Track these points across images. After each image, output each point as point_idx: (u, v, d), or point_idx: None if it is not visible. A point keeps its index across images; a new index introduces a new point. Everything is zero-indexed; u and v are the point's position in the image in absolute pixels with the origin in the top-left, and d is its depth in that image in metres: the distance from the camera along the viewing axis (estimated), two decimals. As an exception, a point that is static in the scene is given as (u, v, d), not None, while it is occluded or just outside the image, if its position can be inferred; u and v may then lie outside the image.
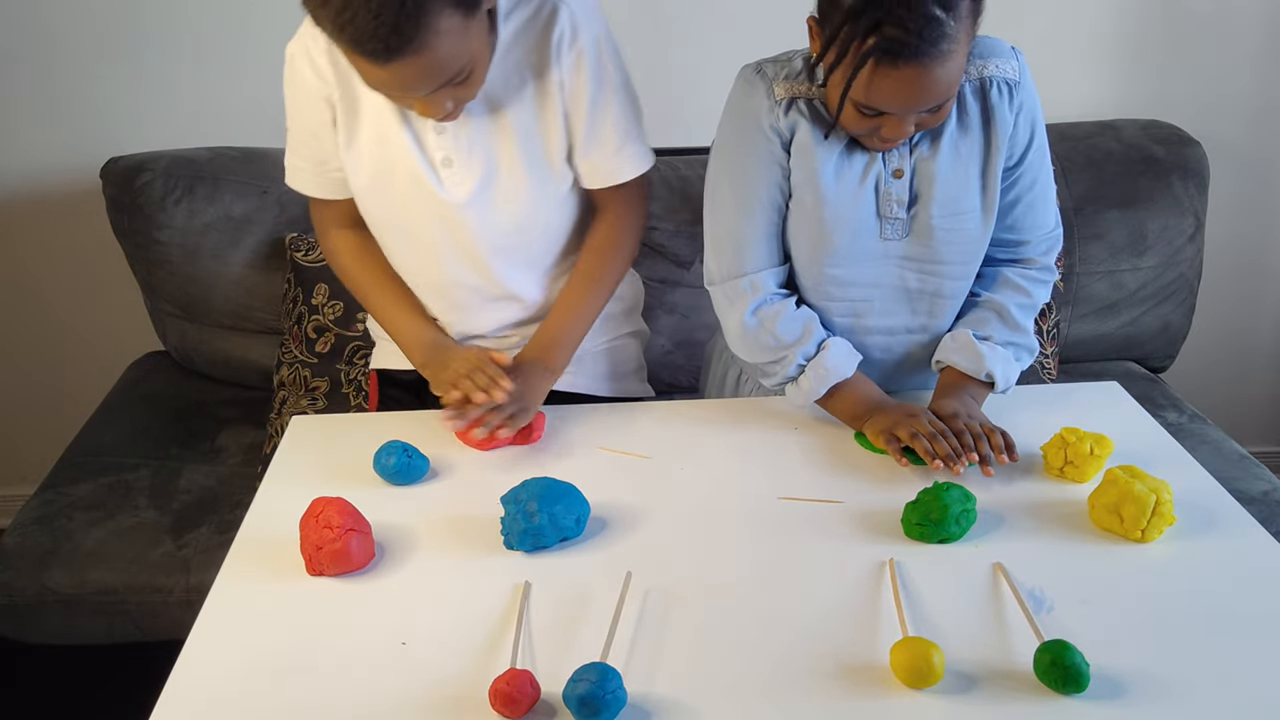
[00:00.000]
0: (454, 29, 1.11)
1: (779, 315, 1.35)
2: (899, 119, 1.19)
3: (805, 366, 1.34)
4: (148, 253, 2.03)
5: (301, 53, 1.32)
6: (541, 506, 1.12)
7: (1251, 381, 2.57)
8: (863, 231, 1.32)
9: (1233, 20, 2.21)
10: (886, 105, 1.17)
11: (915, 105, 1.17)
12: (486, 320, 1.49)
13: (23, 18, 2.08)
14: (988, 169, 1.31)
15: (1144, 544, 1.14)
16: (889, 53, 1.11)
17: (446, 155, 1.33)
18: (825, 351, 1.34)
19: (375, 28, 1.06)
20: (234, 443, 2.00)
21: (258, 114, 2.17)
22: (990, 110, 1.29)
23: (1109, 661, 0.96)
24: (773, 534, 1.17)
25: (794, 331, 1.34)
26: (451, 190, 1.34)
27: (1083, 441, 1.24)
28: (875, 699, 0.95)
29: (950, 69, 1.14)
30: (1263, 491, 1.81)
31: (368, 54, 1.09)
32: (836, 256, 1.33)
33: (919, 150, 1.29)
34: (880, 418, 1.31)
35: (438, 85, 1.16)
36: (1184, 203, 2.10)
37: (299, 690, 0.97)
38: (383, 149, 1.33)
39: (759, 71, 1.32)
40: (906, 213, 1.31)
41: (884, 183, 1.30)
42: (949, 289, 1.37)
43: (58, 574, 1.71)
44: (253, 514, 1.23)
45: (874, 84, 1.15)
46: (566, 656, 0.99)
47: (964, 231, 1.33)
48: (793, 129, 1.29)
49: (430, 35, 1.09)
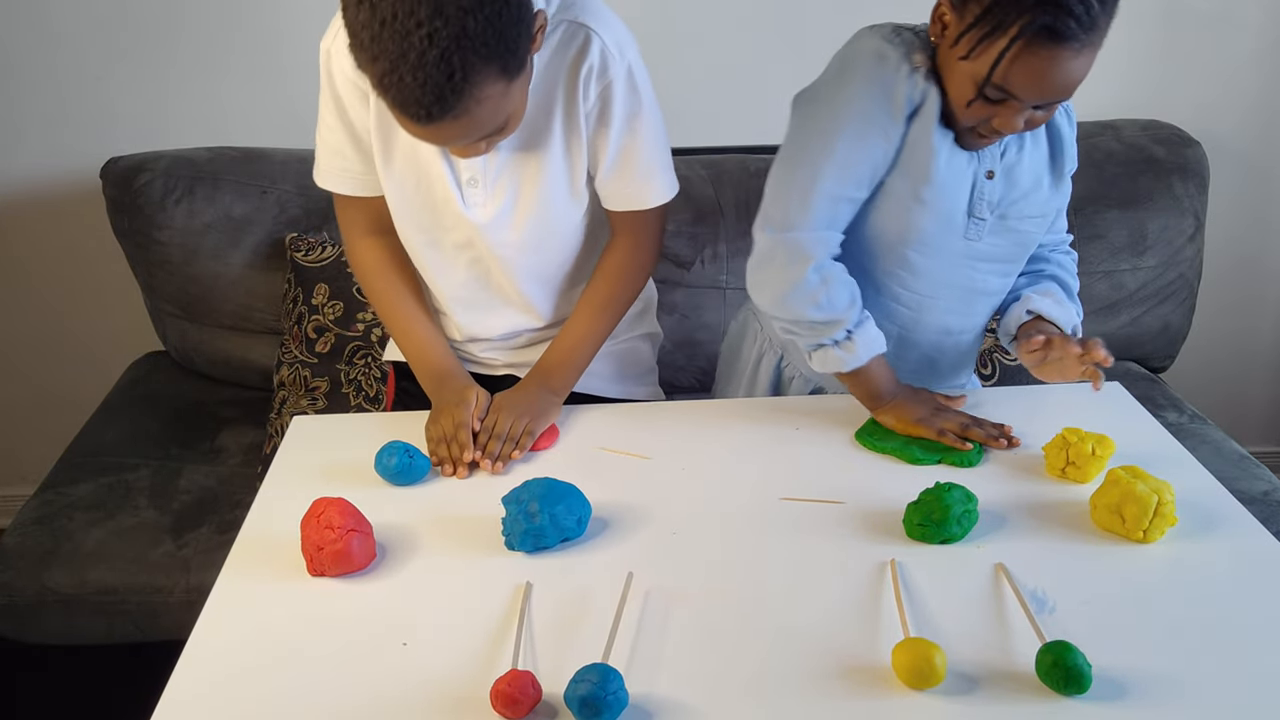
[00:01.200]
0: (497, 94, 1.11)
1: (835, 278, 1.30)
2: (1016, 110, 1.19)
3: (852, 333, 1.32)
4: (148, 253, 2.03)
5: (341, 49, 1.26)
6: (543, 507, 1.12)
7: (1251, 381, 2.57)
8: (952, 227, 1.32)
9: (1233, 20, 2.21)
10: (1022, 90, 1.16)
11: (1046, 94, 1.17)
12: (498, 324, 1.49)
13: (23, 18, 2.07)
14: (1055, 175, 1.34)
15: (1146, 544, 1.14)
16: (1049, 30, 1.11)
17: (473, 175, 1.33)
18: (867, 323, 1.33)
19: (420, 95, 1.06)
20: (234, 443, 2.00)
21: (258, 114, 2.17)
22: (1055, 124, 1.33)
23: (1111, 662, 0.96)
24: (774, 534, 1.17)
25: (846, 297, 1.31)
26: (475, 210, 1.35)
27: (1084, 442, 1.24)
28: (877, 700, 0.94)
29: (1087, 63, 1.15)
30: (1263, 491, 1.81)
31: (410, 116, 1.09)
32: (923, 245, 1.33)
33: (1007, 155, 1.31)
34: (907, 407, 1.33)
35: (474, 140, 1.17)
36: (1184, 203, 2.10)
37: (300, 690, 0.97)
38: (416, 159, 1.33)
39: (897, 33, 1.26)
40: (991, 214, 1.32)
41: (978, 182, 1.30)
42: (1000, 286, 1.41)
43: (58, 574, 1.71)
44: (253, 514, 1.23)
45: (1019, 63, 1.14)
46: (568, 657, 0.99)
47: (1032, 234, 1.37)
48: (924, 99, 1.25)
49: (473, 103, 1.09)
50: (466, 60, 1.05)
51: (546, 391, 1.40)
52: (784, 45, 2.17)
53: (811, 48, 1.39)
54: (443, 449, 1.32)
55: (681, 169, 2.08)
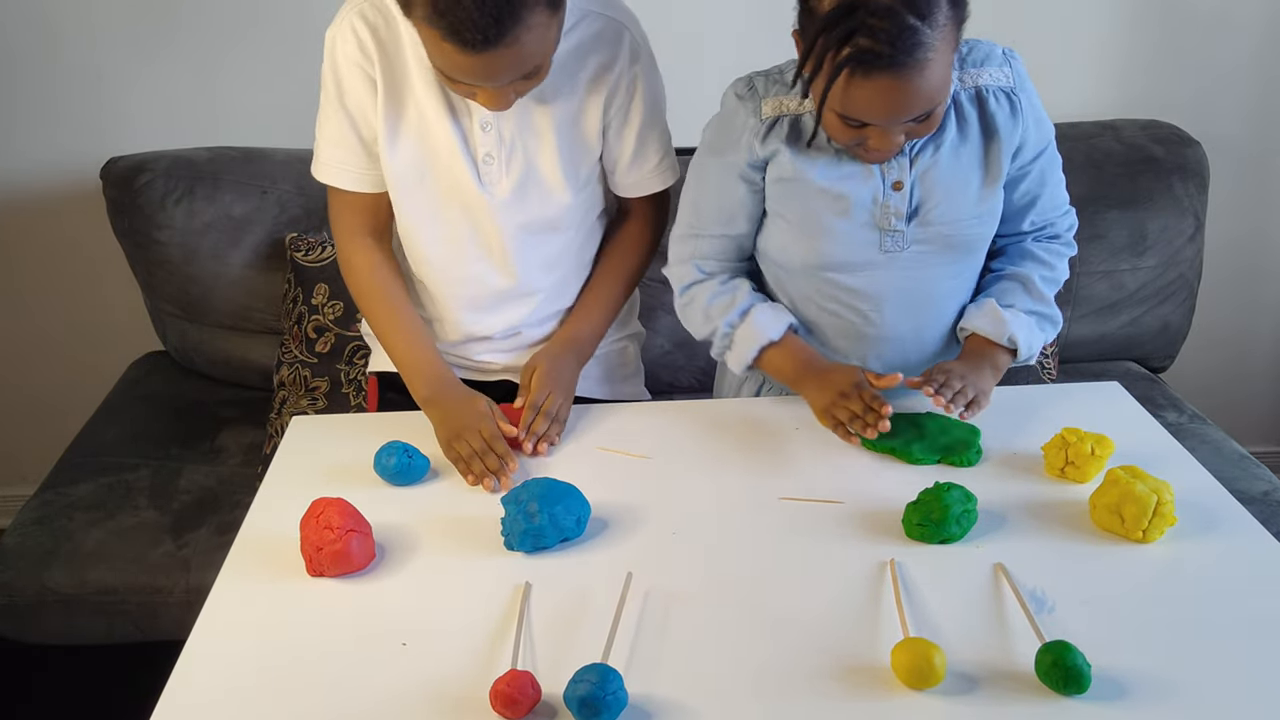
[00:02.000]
0: (542, 24, 1.14)
1: (706, 289, 1.40)
2: (884, 130, 1.18)
3: (731, 334, 1.37)
4: (148, 253, 2.03)
5: (347, 32, 1.30)
6: (542, 507, 1.12)
7: (1251, 381, 2.57)
8: (861, 245, 1.32)
9: (1233, 20, 2.21)
10: (866, 116, 1.16)
11: (896, 115, 1.16)
12: (498, 321, 1.49)
13: (23, 18, 2.07)
14: (988, 175, 1.31)
15: (1145, 544, 1.14)
16: (862, 63, 1.10)
17: (489, 152, 1.34)
18: (751, 315, 1.36)
19: (478, 17, 1.09)
20: (234, 443, 2.00)
21: (258, 114, 2.17)
22: (989, 118, 1.29)
23: (1110, 662, 0.96)
24: (773, 534, 1.17)
25: (719, 301, 1.38)
26: (490, 186, 1.37)
27: (1084, 442, 1.24)
28: (876, 700, 0.94)
29: (930, 78, 1.12)
30: (1263, 491, 1.81)
31: (464, 43, 1.11)
32: (837, 266, 1.34)
33: (920, 161, 1.29)
34: (816, 391, 1.32)
35: (517, 77, 1.19)
36: (1184, 203, 2.10)
37: (299, 690, 0.97)
38: (426, 140, 1.34)
39: (750, 87, 1.32)
40: (907, 224, 1.31)
41: (882, 197, 1.29)
42: (954, 288, 1.39)
43: (58, 574, 1.71)
44: (253, 514, 1.23)
45: (850, 94, 1.14)
46: (567, 657, 0.99)
47: (969, 235, 1.34)
48: (773, 152, 1.30)
49: (524, 30, 1.12)
50: None
51: (573, 358, 1.44)
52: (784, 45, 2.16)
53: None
54: (477, 464, 1.28)
55: (683, 169, 2.10)
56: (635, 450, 1.33)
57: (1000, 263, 1.43)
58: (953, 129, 1.29)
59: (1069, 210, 1.43)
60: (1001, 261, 1.42)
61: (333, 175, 1.39)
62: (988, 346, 1.35)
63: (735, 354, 1.38)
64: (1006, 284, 1.39)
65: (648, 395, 1.68)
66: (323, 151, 1.38)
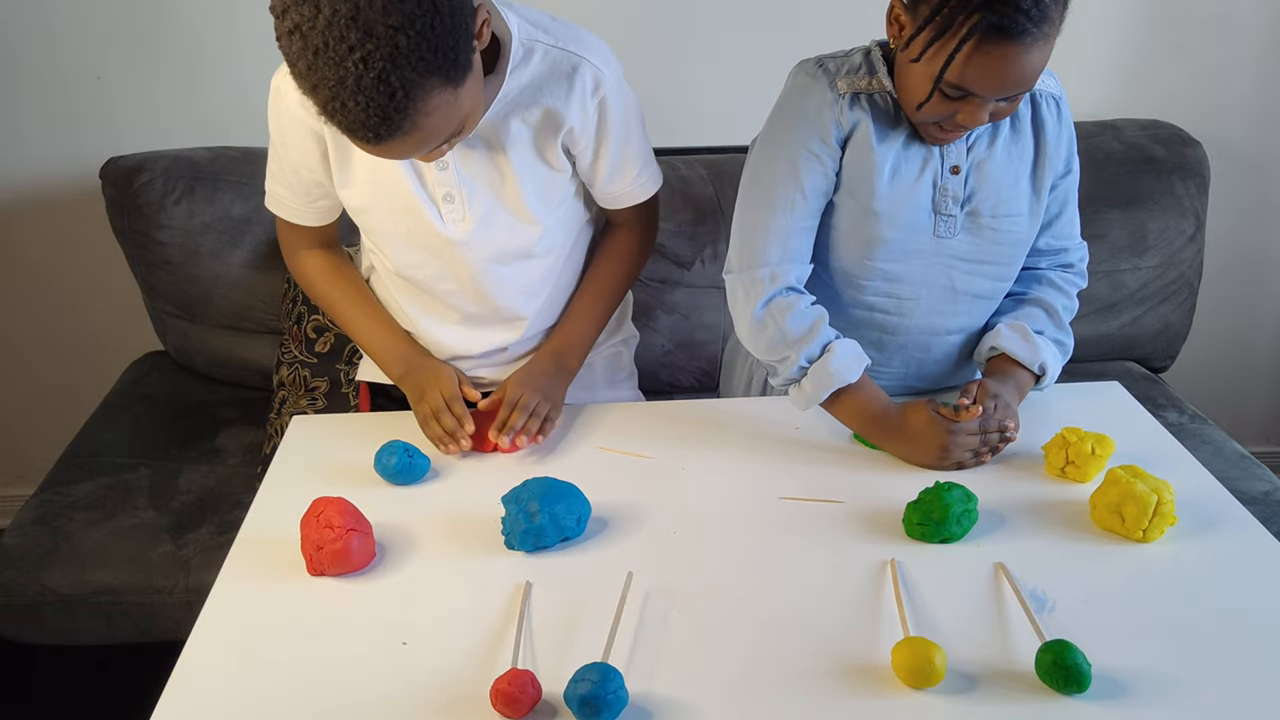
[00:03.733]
0: (445, 103, 1.08)
1: (789, 310, 1.31)
2: (979, 104, 1.19)
3: (808, 369, 1.31)
4: (148, 253, 2.03)
5: (290, 86, 1.24)
6: (542, 506, 1.12)
7: (1252, 381, 2.57)
8: (917, 227, 1.32)
9: (1233, 20, 2.20)
10: (979, 86, 1.17)
11: (1006, 89, 1.17)
12: (479, 342, 1.48)
13: (24, 18, 2.07)
14: (1036, 175, 1.34)
15: (1145, 544, 1.14)
16: (996, 28, 1.12)
17: (448, 191, 1.33)
18: (830, 354, 1.30)
19: (365, 118, 1.04)
20: (234, 443, 2.00)
21: (258, 114, 2.14)
22: (1040, 121, 1.33)
23: (1110, 662, 0.96)
24: (774, 534, 1.17)
25: (800, 328, 1.31)
26: (452, 226, 1.35)
27: (1084, 441, 1.24)
28: (877, 699, 0.94)
29: (1044, 53, 1.16)
30: (1263, 491, 1.81)
31: (360, 139, 1.08)
32: (889, 251, 1.33)
33: (975, 150, 1.31)
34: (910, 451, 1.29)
35: (431, 149, 1.15)
36: (1184, 203, 2.10)
37: (299, 690, 0.97)
38: (379, 186, 1.33)
39: (821, 66, 1.32)
40: (961, 210, 1.32)
41: (941, 179, 1.31)
42: (990, 290, 1.39)
43: (57, 574, 1.71)
44: (253, 514, 1.23)
45: (973, 62, 1.15)
46: (568, 656, 0.99)
47: (1013, 234, 1.35)
48: (854, 124, 1.29)
49: (421, 117, 1.06)
50: (405, 78, 1.02)
51: (564, 371, 1.43)
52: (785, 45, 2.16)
53: (813, 47, 1.39)
54: (434, 425, 1.32)
55: (681, 169, 2.10)
56: (636, 450, 1.33)
57: (1019, 288, 1.43)
58: (1007, 126, 1.32)
59: (1083, 243, 1.45)
60: (1020, 287, 1.43)
61: (280, 208, 1.44)
62: (1016, 369, 1.36)
63: (806, 392, 1.31)
64: (1031, 309, 1.41)
65: (641, 397, 1.68)
66: (270, 185, 1.43)
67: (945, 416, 1.27)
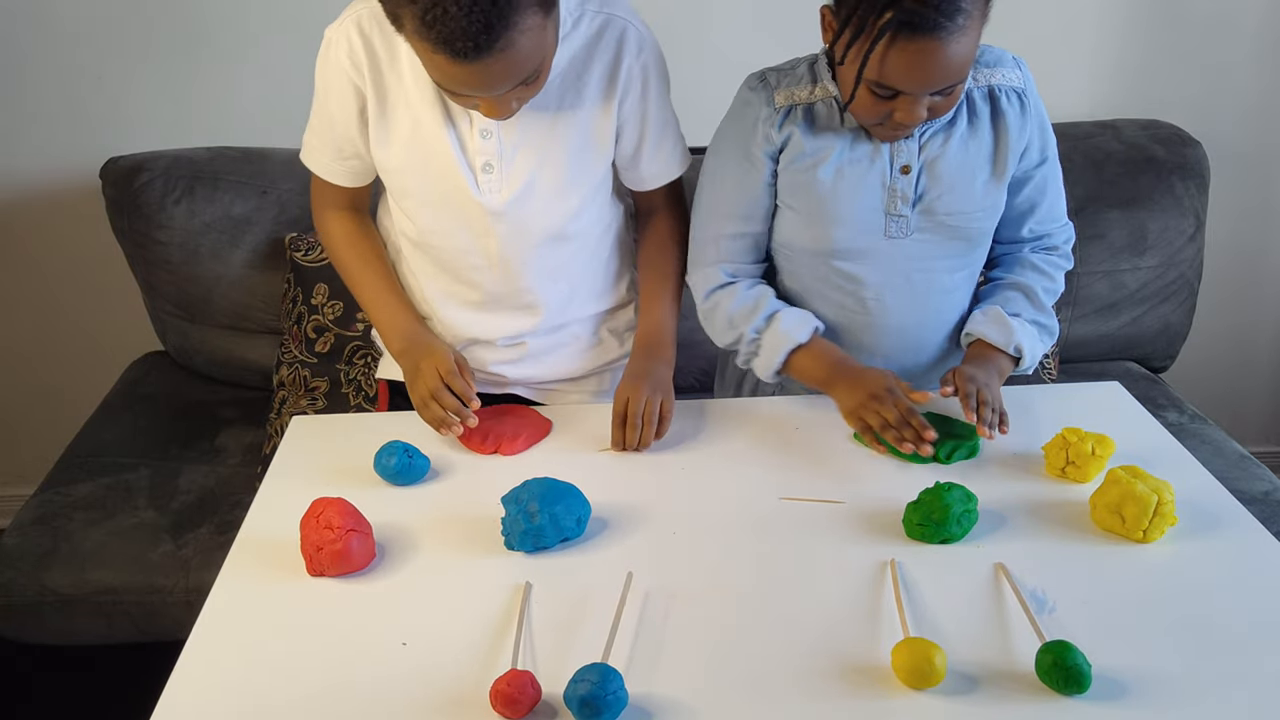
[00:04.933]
0: (535, 27, 1.12)
1: (730, 295, 1.40)
2: (912, 101, 1.20)
3: (759, 339, 1.38)
4: (148, 253, 2.03)
5: (341, 38, 1.30)
6: (542, 507, 1.12)
7: (1252, 381, 2.57)
8: (867, 229, 1.34)
9: (1233, 20, 2.20)
10: (902, 83, 1.18)
11: (930, 83, 1.18)
12: (497, 327, 1.47)
13: (24, 18, 2.07)
14: (996, 170, 1.33)
15: (1145, 544, 1.14)
16: (907, 25, 1.13)
17: (488, 160, 1.33)
18: (776, 320, 1.37)
19: (467, 25, 1.06)
20: (234, 443, 2.00)
21: (258, 114, 2.17)
22: (1000, 116, 1.33)
23: (1111, 662, 0.96)
24: (774, 534, 1.17)
25: (742, 306, 1.39)
26: (489, 195, 1.35)
27: (1084, 442, 1.24)
28: (877, 699, 0.94)
29: (965, 45, 1.16)
30: (1263, 492, 1.81)
31: (455, 52, 1.09)
32: (842, 253, 1.36)
33: (928, 148, 1.31)
34: (847, 392, 1.32)
35: (514, 84, 1.16)
36: (1184, 203, 2.10)
37: (299, 690, 0.97)
38: (419, 146, 1.33)
39: (762, 80, 1.36)
40: (912, 210, 1.32)
41: (889, 179, 1.31)
42: (955, 283, 1.40)
43: (57, 574, 1.71)
44: (253, 514, 1.23)
45: (890, 59, 1.16)
46: (567, 657, 0.99)
47: (970, 230, 1.35)
48: (786, 138, 1.33)
49: (516, 34, 1.09)
50: None
51: (660, 360, 1.42)
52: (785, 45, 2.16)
53: (813, 47, 1.39)
54: (433, 407, 1.31)
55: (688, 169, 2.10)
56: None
57: (1001, 272, 1.44)
58: (964, 122, 1.32)
59: (1068, 224, 1.45)
60: (1002, 270, 1.44)
61: (314, 162, 1.44)
62: (993, 353, 1.36)
63: (763, 360, 1.38)
64: (1009, 293, 1.41)
65: None
66: (309, 137, 1.42)
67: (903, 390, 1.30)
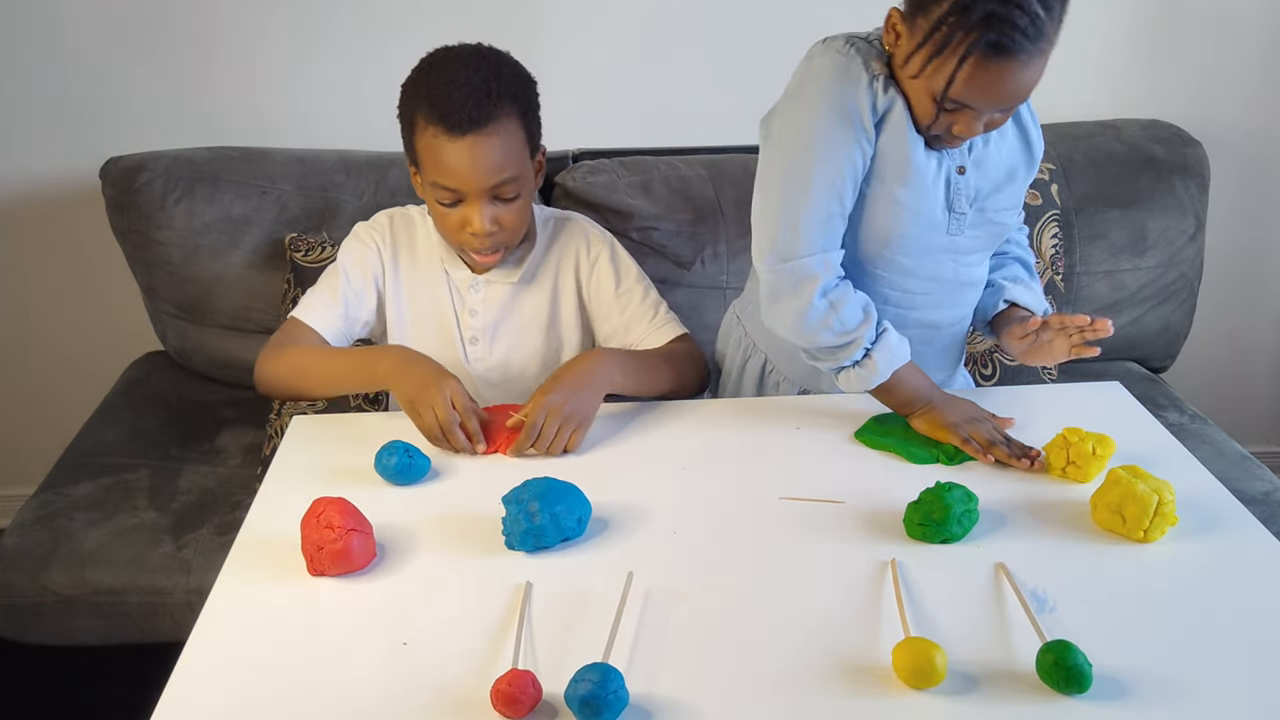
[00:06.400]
0: (514, 130, 1.38)
1: (846, 298, 1.31)
2: (974, 116, 1.21)
3: (870, 350, 1.31)
4: (147, 253, 2.03)
5: (367, 236, 1.54)
6: (543, 506, 1.12)
7: (1252, 381, 2.57)
8: (933, 225, 1.34)
9: (1233, 20, 2.21)
10: (977, 100, 1.18)
11: (1004, 102, 1.19)
12: None
13: (24, 18, 2.07)
14: (1028, 167, 1.37)
15: (1146, 544, 1.14)
16: (996, 46, 1.13)
17: (474, 335, 1.54)
18: (886, 335, 1.32)
19: (463, 102, 1.34)
20: (234, 443, 2.00)
21: (258, 114, 2.17)
22: (1017, 114, 1.36)
23: (1111, 662, 0.96)
24: (774, 534, 1.17)
25: (858, 315, 1.31)
26: (475, 364, 1.55)
27: (1085, 441, 1.24)
28: (877, 699, 0.94)
29: (1040, 68, 1.17)
30: (1264, 492, 1.81)
31: (452, 125, 1.34)
32: (906, 246, 1.34)
33: (975, 149, 1.33)
34: (950, 409, 1.32)
35: (497, 180, 1.37)
36: (1184, 203, 2.10)
37: (300, 690, 0.97)
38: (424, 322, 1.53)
39: (849, 44, 1.27)
40: (970, 207, 1.34)
41: (953, 177, 1.32)
42: (981, 276, 1.43)
43: (57, 574, 1.71)
44: (253, 514, 1.23)
45: (971, 80, 1.16)
46: (568, 657, 0.99)
47: (1008, 225, 1.40)
48: (889, 106, 1.26)
49: (498, 123, 1.36)
50: (502, 89, 1.37)
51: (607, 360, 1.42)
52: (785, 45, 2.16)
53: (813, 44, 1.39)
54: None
55: (681, 169, 2.10)
56: (635, 450, 1.33)
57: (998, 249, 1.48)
58: None
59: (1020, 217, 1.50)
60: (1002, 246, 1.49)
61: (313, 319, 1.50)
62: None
63: (865, 373, 1.32)
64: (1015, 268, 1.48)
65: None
66: (311, 299, 1.52)
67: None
